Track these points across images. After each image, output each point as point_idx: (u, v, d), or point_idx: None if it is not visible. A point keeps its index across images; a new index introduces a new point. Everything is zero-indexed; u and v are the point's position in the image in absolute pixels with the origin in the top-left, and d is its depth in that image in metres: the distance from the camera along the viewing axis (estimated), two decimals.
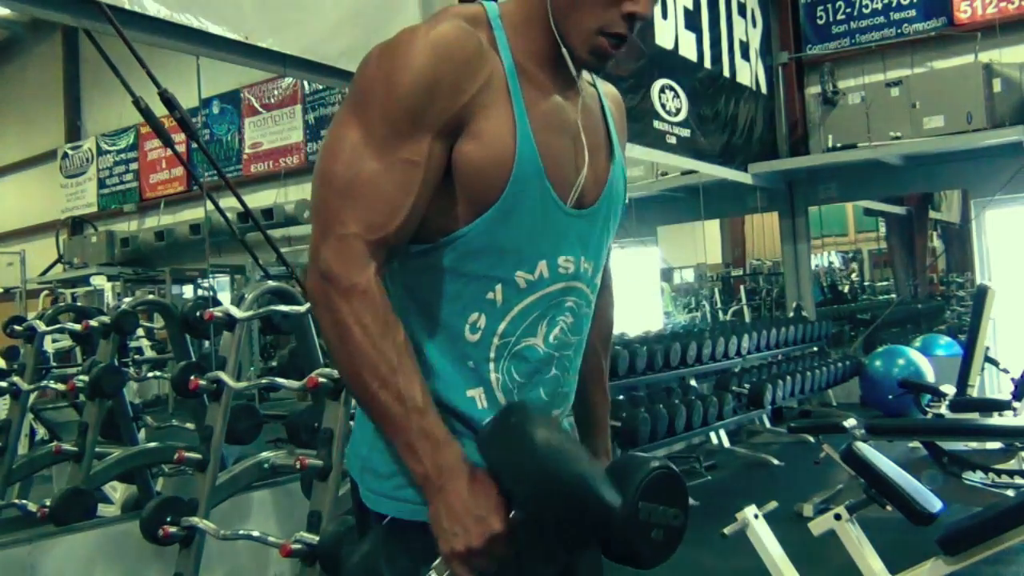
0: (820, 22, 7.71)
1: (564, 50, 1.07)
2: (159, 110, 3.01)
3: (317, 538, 2.46)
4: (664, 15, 5.73)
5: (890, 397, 5.86)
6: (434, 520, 0.98)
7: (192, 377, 2.79)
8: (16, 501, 3.45)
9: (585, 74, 1.17)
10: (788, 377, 5.98)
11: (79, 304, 7.02)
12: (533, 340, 1.10)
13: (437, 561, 0.99)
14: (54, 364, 6.07)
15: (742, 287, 9.96)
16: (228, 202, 3.80)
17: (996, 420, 4.34)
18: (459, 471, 0.97)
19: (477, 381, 1.08)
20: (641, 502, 1.05)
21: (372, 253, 1.00)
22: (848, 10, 7.56)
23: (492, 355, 1.08)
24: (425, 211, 1.03)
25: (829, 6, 7.66)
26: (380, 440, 1.09)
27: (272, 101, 9.98)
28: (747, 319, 8.81)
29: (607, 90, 1.26)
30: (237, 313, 2.80)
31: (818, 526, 2.86)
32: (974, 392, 4.93)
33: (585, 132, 1.13)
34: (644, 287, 8.72)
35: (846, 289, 10.83)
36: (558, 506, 0.95)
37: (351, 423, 2.56)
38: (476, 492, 0.97)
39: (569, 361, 1.14)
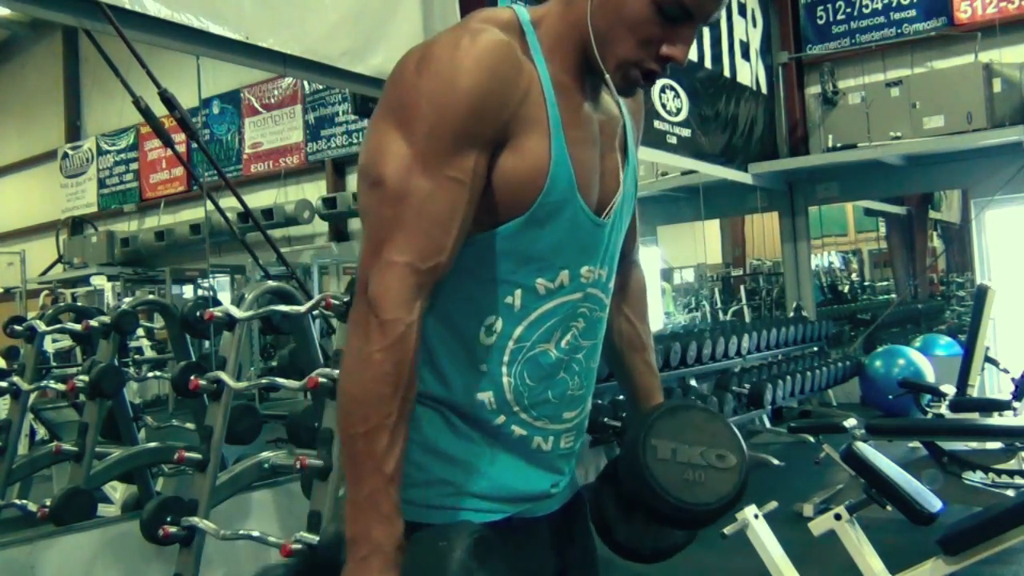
0: (820, 22, 7.72)
1: (605, 74, 1.06)
2: (159, 110, 3.02)
3: (317, 538, 2.46)
4: None
5: (890, 397, 5.85)
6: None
7: (192, 377, 2.78)
8: (16, 501, 3.45)
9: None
10: (788, 377, 5.99)
11: (79, 304, 7.02)
12: (547, 346, 1.09)
13: None
14: (54, 364, 6.09)
15: (742, 287, 9.97)
16: (228, 202, 3.81)
17: (996, 420, 4.34)
18: (384, 555, 0.96)
19: (488, 384, 1.08)
20: (654, 439, 1.08)
21: (421, 285, 0.98)
22: (848, 10, 7.56)
23: (506, 358, 1.08)
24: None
25: (829, 6, 7.66)
26: None
27: (272, 101, 9.98)
28: (747, 319, 8.82)
29: None
30: (237, 313, 2.80)
31: (818, 526, 2.86)
32: (974, 392, 4.92)
33: (607, 141, 1.13)
34: None
35: (846, 289, 10.84)
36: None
37: None
38: None
39: (579, 365, 1.14)
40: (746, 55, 7.00)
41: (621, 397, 5.02)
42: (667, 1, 1.00)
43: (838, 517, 2.80)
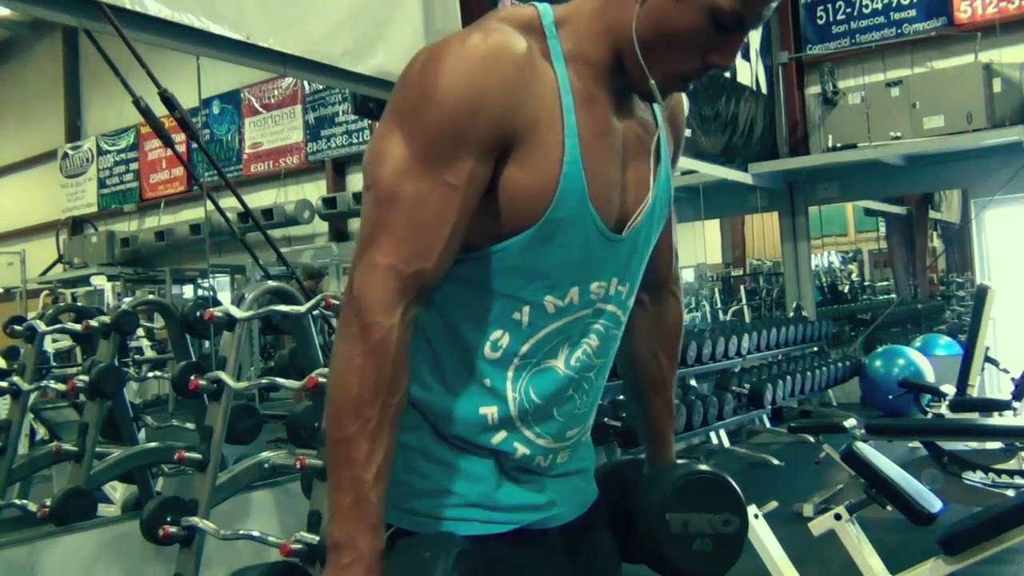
0: (820, 22, 7.72)
1: (650, 81, 1.01)
2: (159, 110, 3.01)
3: (317, 538, 2.46)
4: None
5: (890, 397, 5.86)
6: None
7: (192, 377, 2.78)
8: (16, 501, 3.44)
9: None
10: (788, 377, 5.99)
11: (79, 304, 7.02)
12: (554, 362, 1.06)
13: None
14: (54, 364, 6.08)
15: (742, 287, 9.98)
16: (228, 202, 3.80)
17: (996, 420, 4.34)
18: (367, 564, 0.94)
19: (492, 399, 1.05)
20: (668, 513, 1.15)
21: (404, 290, 0.95)
22: (848, 10, 7.56)
23: (511, 374, 1.05)
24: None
25: (829, 6, 7.66)
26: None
27: (272, 101, 10.00)
28: (747, 319, 8.82)
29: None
30: (237, 313, 2.79)
31: (818, 526, 2.86)
32: (974, 392, 4.92)
33: (634, 151, 1.08)
34: None
35: (846, 289, 10.85)
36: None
37: None
38: None
39: (589, 383, 1.11)
40: (746, 55, 7.01)
41: (621, 397, 5.02)
42: (725, 13, 0.96)
43: (838, 517, 2.80)
